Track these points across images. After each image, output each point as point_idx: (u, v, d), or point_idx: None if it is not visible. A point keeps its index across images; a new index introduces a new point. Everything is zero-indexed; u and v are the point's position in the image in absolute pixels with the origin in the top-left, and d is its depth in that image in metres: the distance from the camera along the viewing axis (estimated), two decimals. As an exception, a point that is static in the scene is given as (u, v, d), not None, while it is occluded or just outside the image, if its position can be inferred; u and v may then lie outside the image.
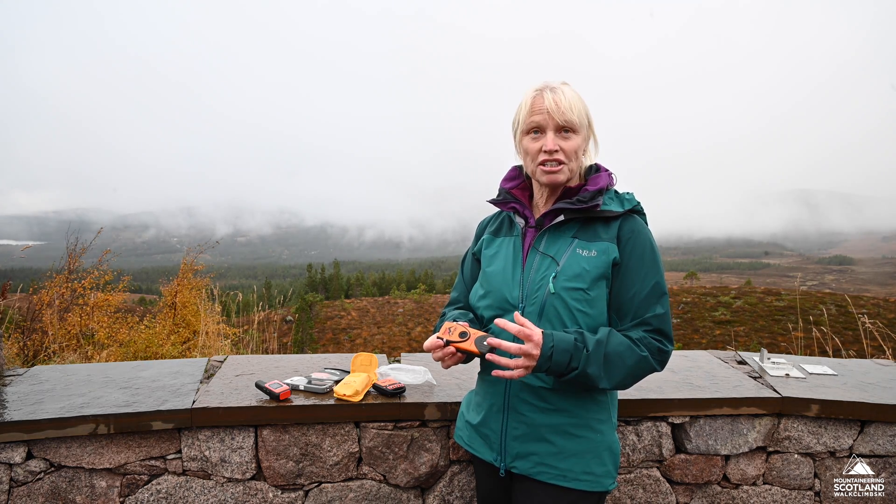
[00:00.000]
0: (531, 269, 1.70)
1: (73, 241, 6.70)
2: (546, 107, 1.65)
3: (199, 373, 2.47)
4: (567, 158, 1.68)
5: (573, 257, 1.67)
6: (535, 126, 1.68)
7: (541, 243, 1.73)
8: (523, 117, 1.70)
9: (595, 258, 1.66)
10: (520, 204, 1.81)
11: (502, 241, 1.82)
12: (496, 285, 1.74)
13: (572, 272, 1.64)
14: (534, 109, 1.67)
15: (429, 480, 2.24)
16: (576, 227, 1.72)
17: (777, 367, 2.65)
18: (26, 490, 2.03)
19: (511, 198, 1.83)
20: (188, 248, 8.54)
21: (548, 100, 1.65)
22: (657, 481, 2.32)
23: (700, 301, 47.85)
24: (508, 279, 1.73)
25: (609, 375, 1.57)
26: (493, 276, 1.76)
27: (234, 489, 2.14)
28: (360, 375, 2.28)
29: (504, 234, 1.84)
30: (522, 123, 1.71)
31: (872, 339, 4.43)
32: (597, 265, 1.65)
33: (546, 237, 1.73)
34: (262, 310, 6.90)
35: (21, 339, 5.58)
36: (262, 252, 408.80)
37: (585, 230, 1.71)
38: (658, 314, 1.64)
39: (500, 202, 1.85)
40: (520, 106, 1.72)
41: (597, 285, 1.65)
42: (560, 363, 1.52)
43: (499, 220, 1.89)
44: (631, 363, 1.59)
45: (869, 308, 34.51)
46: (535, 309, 1.66)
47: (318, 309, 54.40)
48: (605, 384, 1.58)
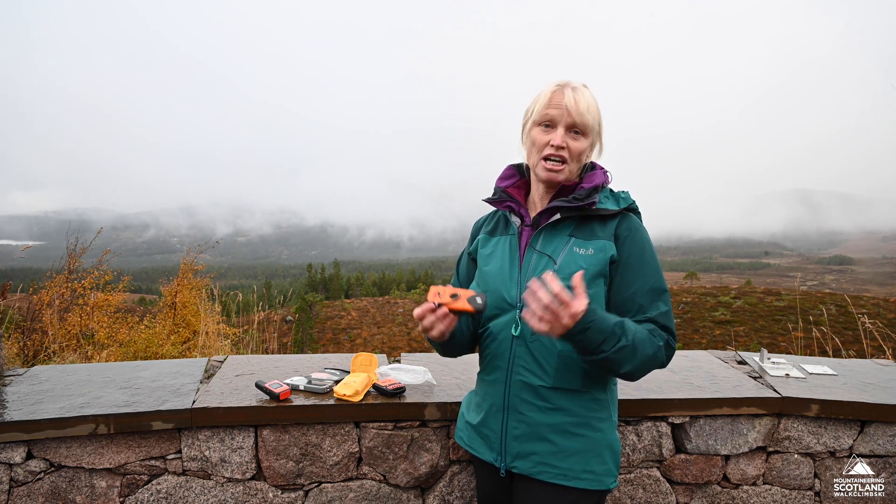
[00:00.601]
0: (528, 268, 1.70)
1: (73, 241, 6.70)
2: (565, 103, 1.64)
3: (199, 373, 2.47)
4: (571, 159, 1.68)
5: (570, 255, 1.67)
6: (549, 119, 1.67)
7: (538, 242, 1.72)
8: (539, 108, 1.69)
9: (592, 256, 1.66)
10: (515, 203, 1.81)
11: (498, 240, 1.82)
12: (493, 284, 1.74)
13: (570, 270, 1.64)
14: (552, 103, 1.67)
15: (429, 480, 2.24)
16: (572, 226, 1.72)
17: (777, 367, 2.65)
18: (26, 490, 2.03)
19: (507, 196, 1.82)
20: (188, 248, 8.54)
21: (568, 97, 1.65)
22: (657, 481, 2.32)
23: (700, 301, 47.87)
24: (506, 278, 1.72)
25: (627, 363, 1.54)
26: (491, 276, 1.75)
27: (234, 489, 2.14)
28: (360, 375, 2.28)
29: (500, 234, 1.83)
30: (536, 114, 1.70)
31: (872, 339, 4.43)
32: (594, 263, 1.65)
33: (543, 236, 1.73)
34: (262, 310, 6.90)
35: (21, 339, 5.59)
36: (262, 252, 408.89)
37: (582, 228, 1.71)
38: (662, 311, 1.65)
39: (495, 201, 1.85)
40: (537, 97, 1.72)
41: (595, 283, 1.65)
42: (593, 341, 1.48)
43: (494, 220, 1.89)
44: (649, 353, 1.57)
45: (869, 308, 34.52)
46: None
47: (318, 309, 54.41)
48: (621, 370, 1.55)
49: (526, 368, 1.67)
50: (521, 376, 1.67)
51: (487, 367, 1.77)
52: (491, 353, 1.74)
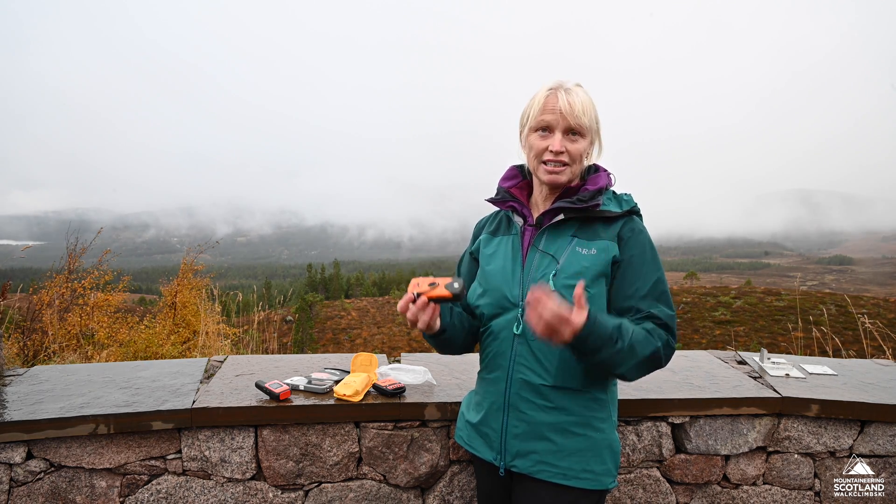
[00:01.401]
0: (531, 268, 1.70)
1: (73, 241, 6.70)
2: (559, 107, 1.64)
3: (199, 373, 2.47)
4: (572, 161, 1.68)
5: (573, 255, 1.67)
6: (546, 125, 1.68)
7: (540, 242, 1.73)
8: (534, 114, 1.69)
9: (595, 256, 1.66)
10: (518, 203, 1.81)
11: (501, 239, 1.82)
12: (496, 283, 1.74)
13: (572, 270, 1.65)
14: (546, 108, 1.67)
15: (429, 480, 2.24)
16: (575, 226, 1.72)
17: (777, 367, 2.65)
18: (26, 490, 2.03)
19: (510, 197, 1.83)
20: (188, 248, 8.54)
21: (562, 100, 1.64)
22: (657, 481, 2.32)
23: (700, 301, 47.86)
24: (508, 277, 1.73)
25: (624, 364, 1.55)
26: (493, 275, 1.76)
27: (234, 489, 2.14)
28: (360, 375, 2.28)
29: (503, 233, 1.84)
30: (532, 120, 1.70)
31: (872, 339, 4.43)
32: (597, 263, 1.65)
33: (546, 236, 1.73)
34: (262, 310, 6.90)
35: (21, 339, 5.59)
36: (262, 252, 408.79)
37: (585, 229, 1.71)
38: (663, 311, 1.65)
39: (498, 201, 1.86)
40: (531, 102, 1.71)
41: (597, 283, 1.65)
42: (590, 347, 1.49)
43: (497, 220, 1.90)
44: (647, 353, 1.57)
45: (869, 308, 34.51)
46: None
47: (318, 309, 54.40)
48: (617, 371, 1.57)
49: (527, 367, 1.67)
50: (522, 375, 1.67)
51: (489, 366, 1.77)
52: (492, 351, 1.74)
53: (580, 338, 1.46)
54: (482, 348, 1.82)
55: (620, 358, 1.53)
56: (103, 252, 7.54)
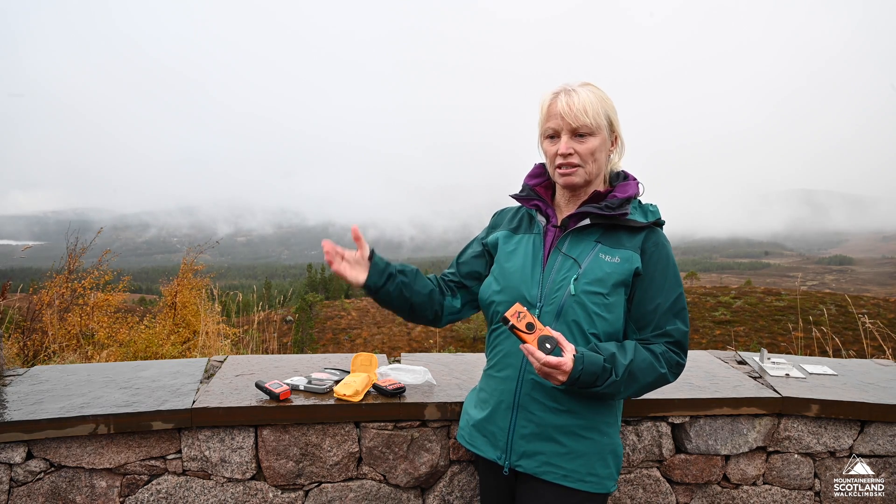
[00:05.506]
0: (552, 269, 1.71)
1: (73, 241, 6.69)
2: (559, 111, 1.66)
3: (199, 373, 2.47)
4: (583, 161, 1.68)
5: (596, 261, 1.68)
6: (552, 131, 1.70)
7: (564, 244, 1.73)
8: (542, 122, 1.73)
9: (618, 264, 1.67)
10: (542, 202, 1.81)
11: (521, 237, 1.82)
12: (514, 282, 1.73)
13: (594, 276, 1.65)
14: (549, 114, 1.69)
15: (429, 480, 2.24)
16: (599, 232, 1.73)
17: (777, 367, 2.65)
18: (26, 490, 2.03)
19: (534, 195, 1.83)
20: (188, 248, 8.53)
21: (561, 103, 1.66)
22: (657, 481, 2.32)
23: (700, 301, 47.83)
24: (528, 277, 1.72)
25: (626, 390, 1.62)
26: (512, 273, 1.75)
27: (234, 489, 2.14)
28: (360, 375, 2.28)
29: (524, 232, 1.83)
30: (541, 128, 1.74)
31: (872, 339, 4.43)
32: (619, 271, 1.66)
33: (569, 239, 1.73)
34: (262, 310, 6.90)
35: (21, 339, 5.58)
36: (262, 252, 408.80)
37: (609, 236, 1.72)
38: (680, 328, 1.68)
39: (523, 198, 1.86)
40: (539, 110, 1.75)
41: (616, 291, 1.66)
42: (584, 383, 1.55)
43: (518, 217, 1.89)
44: (650, 380, 1.63)
45: (869, 308, 34.49)
46: (552, 309, 1.66)
47: (318, 309, 54.39)
48: (619, 397, 1.66)
49: None
50: (533, 375, 1.68)
51: (498, 364, 1.76)
52: (504, 349, 1.74)
53: (572, 380, 1.52)
54: (492, 345, 1.81)
55: (615, 389, 1.58)
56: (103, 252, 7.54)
